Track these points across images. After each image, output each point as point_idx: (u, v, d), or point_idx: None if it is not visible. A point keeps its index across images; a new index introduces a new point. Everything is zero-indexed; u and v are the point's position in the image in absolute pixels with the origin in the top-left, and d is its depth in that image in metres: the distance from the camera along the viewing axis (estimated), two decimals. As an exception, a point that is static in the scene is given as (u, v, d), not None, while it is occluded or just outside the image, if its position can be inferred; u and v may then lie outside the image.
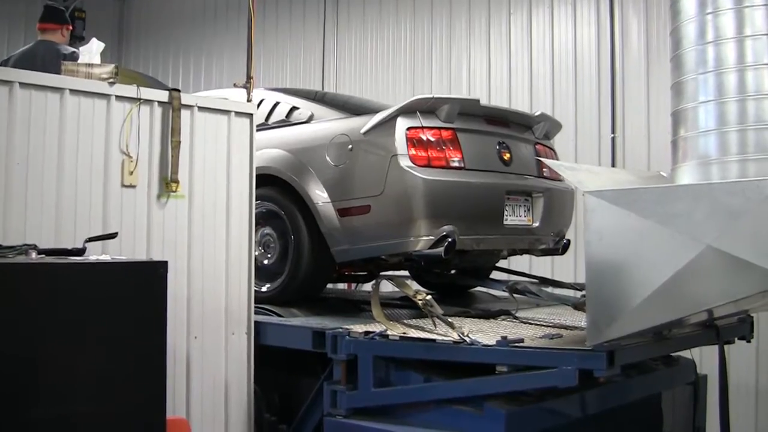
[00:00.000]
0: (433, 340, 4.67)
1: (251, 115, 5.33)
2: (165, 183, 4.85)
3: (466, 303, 6.67)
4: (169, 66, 14.06)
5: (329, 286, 7.29)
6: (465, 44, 10.30)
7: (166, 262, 3.74)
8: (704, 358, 6.28)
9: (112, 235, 4.31)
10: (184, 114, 4.95)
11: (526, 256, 7.43)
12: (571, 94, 9.31)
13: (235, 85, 5.32)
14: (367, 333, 4.85)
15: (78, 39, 14.96)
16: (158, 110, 4.87)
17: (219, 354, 5.12)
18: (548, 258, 7.88)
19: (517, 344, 4.45)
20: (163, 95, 4.88)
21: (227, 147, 5.20)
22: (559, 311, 6.08)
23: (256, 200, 5.83)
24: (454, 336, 4.63)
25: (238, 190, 5.25)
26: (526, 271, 8.51)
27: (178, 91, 4.94)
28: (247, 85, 5.33)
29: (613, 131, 9.05)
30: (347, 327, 4.99)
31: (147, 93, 4.81)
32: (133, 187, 4.74)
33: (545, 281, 6.82)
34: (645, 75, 8.91)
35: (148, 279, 3.71)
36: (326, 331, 4.95)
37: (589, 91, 9.24)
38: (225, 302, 5.16)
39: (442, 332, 4.83)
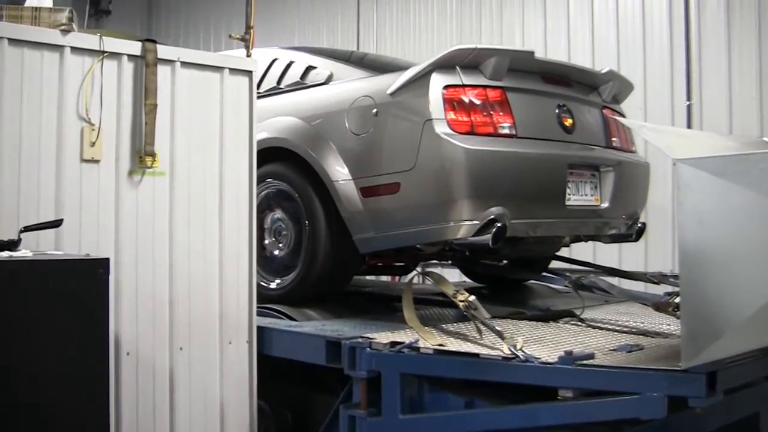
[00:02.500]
0: (477, 355, 3.67)
1: (251, 72, 4.33)
2: (138, 157, 3.89)
3: (521, 299, 5.64)
4: (200, 37, 13.09)
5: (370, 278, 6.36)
6: (518, 4, 9.15)
7: (106, 260, 2.81)
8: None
9: (56, 223, 3.36)
10: (163, 71, 3.98)
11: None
12: (639, 55, 8.18)
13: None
14: (392, 344, 3.86)
15: (104, 13, 14.22)
16: (128, 66, 3.89)
17: (212, 368, 4.16)
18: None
19: (585, 362, 3.42)
20: (134, 47, 3.91)
21: (220, 112, 4.21)
22: (632, 309, 5.11)
23: (266, 179, 4.92)
24: (504, 349, 3.61)
25: (235, 165, 4.26)
26: (586, 259, 7.55)
27: (155, 42, 3.95)
28: (247, 37, 4.33)
29: (689, 98, 7.94)
30: (368, 336, 3.98)
31: (112, 44, 3.84)
32: (96, 161, 3.78)
33: (613, 272, 5.76)
34: (725, 30, 7.80)
35: (83, 281, 2.78)
36: (342, 341, 3.95)
37: (660, 51, 8.11)
38: (219, 304, 4.20)
39: (489, 342, 3.82)
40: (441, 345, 3.79)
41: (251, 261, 4.31)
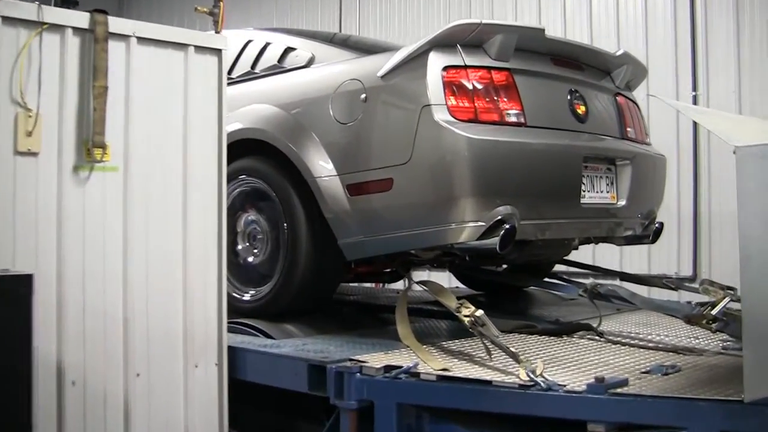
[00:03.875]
0: (489, 382, 3.08)
1: (220, 51, 3.72)
2: (85, 149, 3.28)
3: (523, 309, 5.10)
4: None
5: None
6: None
7: (28, 277, 2.19)
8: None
9: (-26, 230, 2.74)
10: (115, 48, 3.37)
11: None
12: (640, 40, 7.62)
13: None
14: (387, 369, 3.27)
15: (71, 4, 13.50)
16: (73, 41, 3.28)
17: (175, 395, 3.55)
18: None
19: (620, 390, 2.86)
20: (80, 18, 3.29)
21: (184, 97, 3.60)
22: (650, 319, 4.61)
23: (239, 175, 4.35)
24: (521, 375, 3.03)
25: (201, 159, 3.65)
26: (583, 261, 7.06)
27: (106, 13, 3.34)
28: (215, 11, 3.73)
29: (695, 88, 7.41)
30: (358, 358, 3.39)
31: (54, 14, 3.23)
32: (34, 154, 3.16)
33: (625, 277, 5.22)
34: (734, 16, 7.26)
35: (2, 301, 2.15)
36: (327, 365, 3.36)
37: (663, 36, 7.56)
38: (183, 322, 3.59)
39: (501, 365, 3.26)
40: (445, 369, 3.21)
41: (221, 270, 3.70)
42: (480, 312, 3.41)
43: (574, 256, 6.81)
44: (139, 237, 3.44)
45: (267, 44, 4.67)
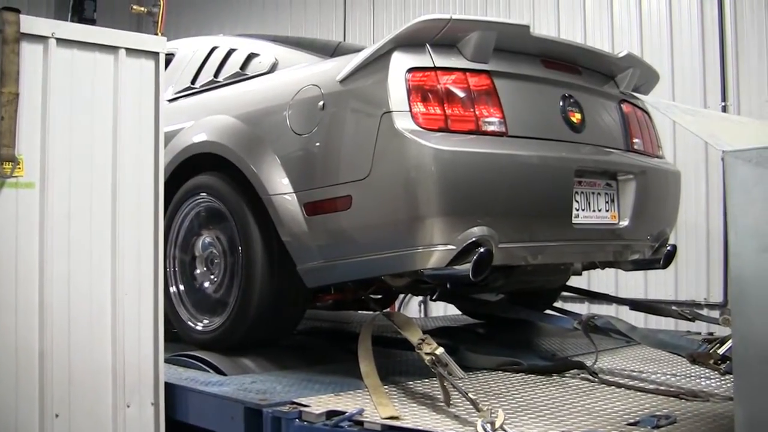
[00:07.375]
0: (439, 435, 2.62)
1: (157, 54, 3.33)
2: (-8, 163, 2.91)
3: (524, 341, 4.63)
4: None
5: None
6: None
7: None
8: None
9: None
10: (30, 50, 3.00)
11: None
12: (665, 47, 7.05)
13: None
14: (329, 415, 2.82)
15: (88, 22, 13.34)
16: (-21, 42, 2.92)
17: (103, 440, 3.14)
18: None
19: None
20: (-14, 17, 2.94)
21: (113, 105, 3.21)
22: (660, 354, 4.06)
23: (199, 192, 3.97)
24: (477, 428, 2.57)
25: (134, 174, 3.25)
26: (607, 285, 6.58)
27: (18, 11, 2.97)
28: (155, 10, 3.36)
29: (724, 98, 6.81)
30: (301, 402, 2.95)
31: (-47, 12, 2.87)
32: (-71, 169, 2.81)
33: (637, 306, 4.74)
34: (766, 18, 6.62)
35: None
36: (263, 408, 2.93)
37: (690, 43, 6.98)
38: (113, 356, 3.18)
39: (465, 412, 2.83)
40: (393, 417, 2.76)
41: (157, 299, 3.28)
42: (440, 350, 2.96)
43: (596, 281, 6.38)
44: (59, 261, 3.05)
45: (231, 50, 4.27)
